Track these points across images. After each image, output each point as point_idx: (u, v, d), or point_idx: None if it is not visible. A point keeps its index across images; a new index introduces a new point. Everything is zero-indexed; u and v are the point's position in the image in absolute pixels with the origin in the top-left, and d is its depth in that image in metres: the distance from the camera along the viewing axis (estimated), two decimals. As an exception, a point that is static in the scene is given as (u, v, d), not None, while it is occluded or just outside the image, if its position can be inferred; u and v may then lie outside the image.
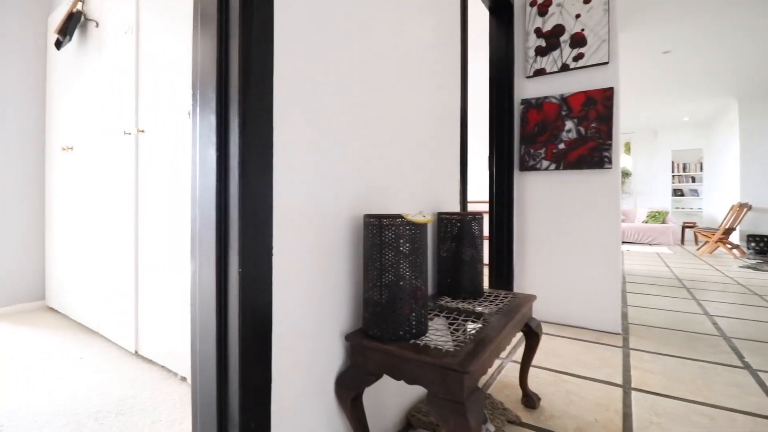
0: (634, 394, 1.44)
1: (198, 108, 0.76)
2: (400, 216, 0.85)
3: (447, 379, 0.76)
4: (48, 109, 2.40)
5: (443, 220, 1.30)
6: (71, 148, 2.09)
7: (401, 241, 0.86)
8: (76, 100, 2.09)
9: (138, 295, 1.64)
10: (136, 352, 1.65)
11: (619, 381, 1.54)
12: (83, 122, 2.01)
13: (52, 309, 2.42)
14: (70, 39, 1.95)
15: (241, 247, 0.70)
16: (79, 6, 1.95)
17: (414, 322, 0.88)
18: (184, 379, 1.47)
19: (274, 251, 0.77)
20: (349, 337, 0.92)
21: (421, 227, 0.89)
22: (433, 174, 1.42)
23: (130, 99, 1.66)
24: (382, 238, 0.87)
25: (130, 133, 1.64)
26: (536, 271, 2.35)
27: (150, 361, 1.62)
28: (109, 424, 1.20)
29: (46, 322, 2.18)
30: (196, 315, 0.76)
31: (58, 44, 1.98)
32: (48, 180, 2.40)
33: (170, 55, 1.48)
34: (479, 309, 1.15)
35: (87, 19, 1.94)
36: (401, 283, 0.86)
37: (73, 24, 1.93)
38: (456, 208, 1.58)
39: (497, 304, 1.22)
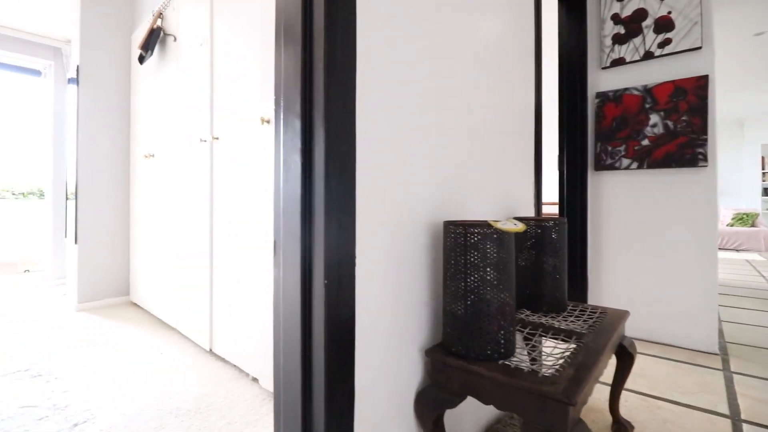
0: (746, 428, 1.25)
1: (282, 114, 0.75)
2: (487, 224, 0.79)
3: (547, 408, 0.68)
4: (132, 119, 2.61)
5: (521, 226, 1.21)
6: (152, 155, 2.24)
7: (488, 251, 0.79)
8: (156, 111, 2.25)
9: (212, 295, 1.71)
10: (211, 350, 1.73)
11: (725, 411, 1.34)
12: (163, 131, 2.15)
13: (134, 304, 2.63)
14: (151, 54, 2.10)
15: (327, 256, 0.67)
16: (159, 23, 2.09)
17: (502, 341, 0.81)
18: (255, 380, 1.51)
19: (357, 260, 0.74)
20: (428, 353, 0.87)
21: (508, 236, 0.81)
22: (506, 175, 1.33)
23: (205, 108, 1.74)
24: (466, 248, 0.80)
25: (205, 141, 1.72)
26: (614, 282, 2.15)
27: (223, 360, 1.69)
28: (188, 422, 1.25)
29: (130, 317, 2.36)
30: (279, 326, 0.74)
31: (141, 59, 2.14)
32: (132, 185, 2.61)
33: (241, 65, 1.52)
34: (567, 326, 1.04)
35: (166, 35, 2.07)
36: (488, 297, 0.79)
37: (153, 40, 2.07)
38: (530, 212, 1.48)
39: (586, 321, 1.10)
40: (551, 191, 4.28)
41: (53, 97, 3.19)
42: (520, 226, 0.78)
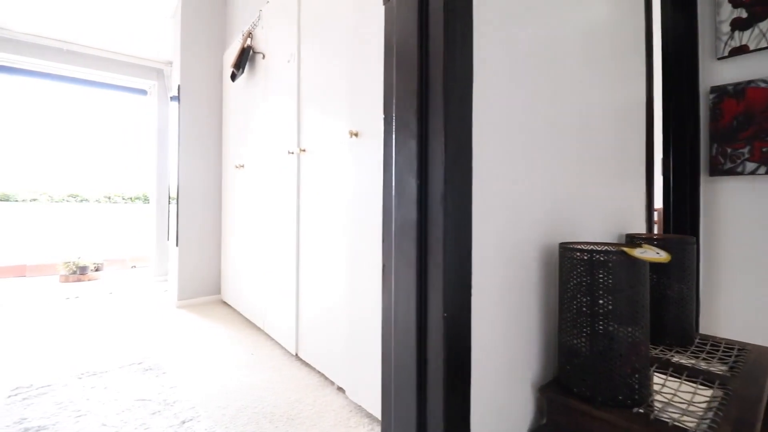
0: None
1: (394, 133, 0.73)
2: (620, 251, 0.69)
3: (707, 475, 0.58)
4: (223, 132, 2.82)
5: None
6: (242, 166, 2.40)
7: (620, 281, 0.70)
8: (245, 124, 2.40)
9: (299, 301, 1.77)
10: (297, 355, 1.79)
11: None
12: (252, 143, 2.29)
13: (225, 303, 2.84)
14: (242, 72, 2.25)
15: (445, 286, 0.63)
16: (249, 42, 2.22)
17: (636, 386, 0.71)
18: (341, 389, 1.53)
19: (472, 290, 0.69)
20: (544, 390, 0.79)
21: (643, 265, 0.71)
22: (618, 186, 1.19)
23: (292, 121, 1.81)
24: (593, 276, 0.72)
25: (293, 153, 1.79)
26: (733, 308, 1.85)
27: (309, 366, 1.74)
28: (283, 428, 1.29)
29: (222, 315, 2.55)
30: (390, 356, 0.72)
31: (233, 77, 2.30)
32: (224, 194, 2.82)
33: (328, 80, 1.55)
34: (704, 366, 0.90)
35: (255, 53, 2.20)
36: (619, 334, 0.70)
37: (245, 58, 2.21)
38: (642, 227, 1.32)
39: (723, 359, 0.94)
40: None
41: (157, 113, 3.58)
42: (663, 255, 0.68)
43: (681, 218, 2.00)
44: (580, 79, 1.02)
